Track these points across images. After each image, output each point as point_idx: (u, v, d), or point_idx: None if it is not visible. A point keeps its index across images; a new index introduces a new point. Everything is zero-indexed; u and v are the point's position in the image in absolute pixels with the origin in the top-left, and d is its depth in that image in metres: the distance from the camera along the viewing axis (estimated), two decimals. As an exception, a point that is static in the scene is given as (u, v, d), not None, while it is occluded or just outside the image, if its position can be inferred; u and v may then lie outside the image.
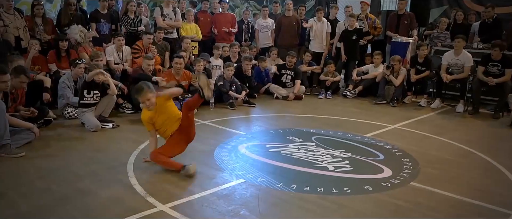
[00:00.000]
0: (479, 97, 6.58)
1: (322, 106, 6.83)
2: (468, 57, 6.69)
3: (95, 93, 4.98)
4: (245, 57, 7.10)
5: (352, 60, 8.16)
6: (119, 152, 4.12)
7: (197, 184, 3.38)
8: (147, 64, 6.00)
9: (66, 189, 3.18)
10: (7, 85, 4.10)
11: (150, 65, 6.00)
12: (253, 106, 6.64)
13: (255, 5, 12.07)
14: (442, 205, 3.17)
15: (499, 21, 7.75)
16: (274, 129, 5.21)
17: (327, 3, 10.89)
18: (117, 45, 6.48)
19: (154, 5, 9.36)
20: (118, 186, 3.28)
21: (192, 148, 4.37)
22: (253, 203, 3.08)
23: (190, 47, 7.33)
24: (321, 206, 3.06)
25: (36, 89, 5.27)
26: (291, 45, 8.41)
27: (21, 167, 3.65)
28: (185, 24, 7.76)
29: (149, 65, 5.99)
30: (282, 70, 7.47)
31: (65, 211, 2.84)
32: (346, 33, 7.99)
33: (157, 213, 2.84)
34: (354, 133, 5.07)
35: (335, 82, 7.79)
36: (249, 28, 8.69)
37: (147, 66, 5.99)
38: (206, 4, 8.42)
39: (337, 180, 3.58)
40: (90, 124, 4.84)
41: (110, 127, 5.00)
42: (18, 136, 4.11)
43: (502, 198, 3.31)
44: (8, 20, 5.91)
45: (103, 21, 7.00)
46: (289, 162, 3.98)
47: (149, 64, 5.99)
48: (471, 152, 4.54)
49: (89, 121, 4.87)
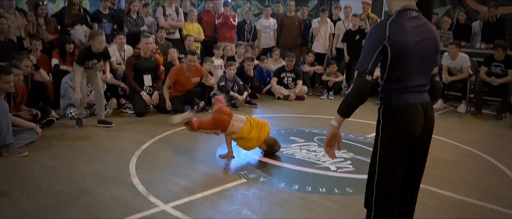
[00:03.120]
0: (481, 98, 6.56)
1: (324, 107, 6.82)
2: (464, 58, 6.67)
3: (93, 62, 4.89)
4: (247, 58, 7.10)
5: (355, 60, 8.14)
6: (122, 151, 4.13)
7: (199, 184, 3.39)
8: (145, 43, 5.87)
9: (69, 189, 3.19)
10: (10, 86, 4.11)
11: (148, 44, 5.87)
12: (255, 106, 6.64)
13: (257, 5, 12.07)
14: (445, 205, 3.16)
15: (502, 21, 7.71)
16: (276, 129, 5.20)
17: (330, 3, 10.87)
18: (118, 44, 6.48)
19: (156, 5, 9.36)
20: (120, 186, 3.29)
21: (194, 148, 4.38)
22: (255, 203, 3.08)
23: (193, 46, 7.33)
24: (323, 206, 3.06)
25: (38, 89, 5.28)
26: (293, 45, 8.41)
27: (24, 166, 3.66)
28: (188, 24, 7.76)
29: (147, 44, 5.86)
30: (281, 74, 7.43)
31: (68, 210, 2.85)
32: (349, 33, 7.98)
33: (159, 213, 2.85)
34: (356, 133, 5.06)
35: (337, 82, 7.78)
36: (251, 28, 8.69)
37: (145, 45, 5.87)
38: (209, 3, 8.41)
39: (339, 180, 3.57)
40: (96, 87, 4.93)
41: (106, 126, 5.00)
42: (20, 136, 4.12)
43: (505, 198, 3.30)
44: (9, 20, 5.91)
45: (105, 21, 7.01)
46: (291, 162, 3.98)
47: (147, 43, 5.86)
48: (474, 153, 4.53)
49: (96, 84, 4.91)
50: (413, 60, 1.99)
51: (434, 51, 2.09)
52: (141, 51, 5.98)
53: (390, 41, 1.95)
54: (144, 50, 5.94)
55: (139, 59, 5.92)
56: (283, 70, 7.44)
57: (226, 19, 8.18)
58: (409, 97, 2.03)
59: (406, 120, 2.03)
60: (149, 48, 5.96)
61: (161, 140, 4.62)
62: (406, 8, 2.03)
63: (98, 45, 4.77)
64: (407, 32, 1.97)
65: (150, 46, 5.94)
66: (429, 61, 2.07)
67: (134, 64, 5.89)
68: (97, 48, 4.78)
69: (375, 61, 1.98)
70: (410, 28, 1.98)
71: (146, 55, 5.93)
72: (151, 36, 6.84)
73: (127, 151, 4.13)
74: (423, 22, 2.04)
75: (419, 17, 2.04)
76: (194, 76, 6.04)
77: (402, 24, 1.98)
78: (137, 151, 4.15)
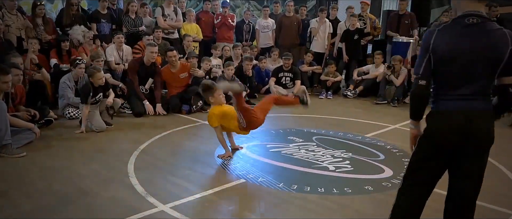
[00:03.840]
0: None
1: (322, 107, 6.82)
2: None
3: (99, 97, 4.93)
4: (246, 58, 7.10)
5: (354, 60, 8.15)
6: (120, 151, 4.13)
7: (198, 184, 3.39)
8: (150, 51, 5.83)
9: (68, 189, 3.19)
10: (8, 86, 4.11)
11: (153, 53, 5.83)
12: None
13: (255, 5, 12.07)
14: (443, 205, 3.16)
15: (502, 21, 7.71)
16: (274, 129, 5.21)
17: (328, 3, 10.88)
18: (116, 43, 6.48)
19: (155, 5, 9.35)
20: (119, 186, 3.28)
21: (193, 148, 4.38)
22: (254, 203, 3.09)
23: (191, 45, 7.33)
24: (322, 206, 3.06)
25: (36, 89, 5.27)
26: (292, 45, 8.41)
27: (23, 167, 3.65)
28: (186, 25, 7.77)
29: (152, 53, 5.82)
30: (279, 73, 7.43)
31: (67, 210, 2.84)
32: (348, 33, 7.99)
33: (158, 213, 2.84)
34: (354, 133, 5.07)
35: (336, 82, 7.79)
36: (249, 28, 8.69)
37: (150, 54, 5.82)
38: (207, 4, 8.42)
39: (338, 180, 3.58)
40: (98, 125, 4.81)
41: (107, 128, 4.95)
42: (19, 136, 4.12)
43: (503, 198, 3.31)
44: (10, 20, 5.92)
45: (104, 21, 7.01)
46: (289, 162, 3.98)
47: (152, 51, 5.82)
48: (472, 152, 4.52)
49: (98, 122, 4.83)
50: (455, 69, 1.96)
51: (491, 61, 1.95)
52: (145, 58, 5.90)
53: (433, 49, 1.98)
54: (148, 58, 5.86)
55: (142, 66, 5.87)
56: (281, 70, 7.43)
57: (225, 19, 8.19)
58: (448, 105, 2.02)
59: (438, 125, 2.03)
60: (154, 57, 5.89)
61: (160, 140, 4.62)
62: (467, 14, 1.95)
63: (98, 81, 4.83)
64: (454, 41, 1.95)
65: (154, 56, 5.89)
66: (480, 71, 1.95)
67: (137, 70, 5.85)
68: (97, 84, 4.83)
69: (426, 66, 2.03)
70: (458, 36, 1.94)
71: (148, 63, 5.90)
72: (153, 35, 6.86)
73: (125, 151, 4.13)
74: (483, 30, 1.94)
75: (480, 24, 1.94)
76: (181, 72, 6.11)
77: (451, 33, 1.96)
78: (136, 151, 4.15)
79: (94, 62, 5.63)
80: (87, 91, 4.73)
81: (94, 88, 4.81)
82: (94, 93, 4.81)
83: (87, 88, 4.76)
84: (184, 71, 6.15)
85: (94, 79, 4.80)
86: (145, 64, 5.87)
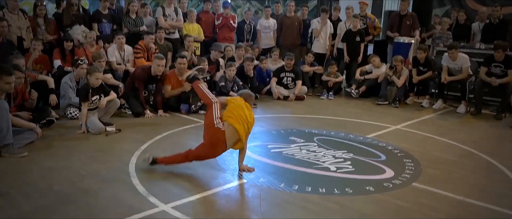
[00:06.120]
0: (481, 98, 6.56)
1: (324, 107, 6.82)
2: (464, 59, 6.67)
3: (95, 98, 4.89)
4: (247, 58, 7.10)
5: (355, 61, 8.15)
6: (121, 151, 4.13)
7: (199, 184, 3.39)
8: (157, 64, 5.68)
9: (69, 189, 3.19)
10: (11, 87, 4.10)
11: (160, 66, 5.69)
12: (255, 107, 6.63)
13: (257, 5, 12.07)
14: (444, 205, 3.16)
15: (505, 22, 7.69)
16: (276, 130, 5.20)
17: (329, 4, 10.88)
18: (117, 44, 6.48)
19: (156, 5, 9.36)
20: (120, 186, 3.29)
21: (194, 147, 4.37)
22: (255, 203, 3.08)
23: (192, 46, 7.33)
24: (323, 206, 3.06)
25: (39, 89, 5.27)
26: (293, 45, 8.41)
27: (24, 166, 3.66)
28: (187, 25, 7.77)
29: (159, 66, 5.68)
30: (281, 74, 7.43)
31: (67, 211, 2.85)
32: (349, 34, 7.98)
33: (159, 213, 2.85)
34: (356, 134, 5.06)
35: (337, 83, 7.78)
36: (251, 28, 8.69)
37: (157, 67, 5.68)
38: (208, 4, 8.42)
39: (339, 181, 3.57)
40: (94, 126, 4.81)
41: (114, 132, 4.85)
42: (20, 136, 4.12)
43: (504, 198, 3.30)
44: (11, 20, 5.92)
45: (105, 21, 7.02)
46: (291, 163, 3.98)
47: (159, 64, 5.68)
48: (473, 153, 4.53)
49: (93, 124, 4.83)
50: None
51: None
52: (152, 70, 5.76)
53: None
54: (155, 70, 5.74)
55: (150, 76, 5.81)
56: (282, 71, 7.43)
57: (227, 21, 8.18)
58: None
59: None
60: (161, 70, 5.78)
61: (161, 140, 4.62)
62: None
63: (94, 81, 4.79)
64: None
65: (161, 69, 5.76)
66: None
67: (144, 80, 5.79)
68: (93, 83, 4.80)
69: None
70: None
71: (155, 74, 5.82)
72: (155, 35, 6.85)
73: (126, 151, 4.13)
74: None
75: None
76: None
77: None
78: (137, 151, 4.15)
79: (96, 62, 5.63)
80: (85, 92, 4.74)
81: (91, 89, 4.81)
82: (91, 94, 4.81)
83: (85, 90, 4.77)
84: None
85: (91, 78, 4.78)
86: (152, 75, 5.82)
